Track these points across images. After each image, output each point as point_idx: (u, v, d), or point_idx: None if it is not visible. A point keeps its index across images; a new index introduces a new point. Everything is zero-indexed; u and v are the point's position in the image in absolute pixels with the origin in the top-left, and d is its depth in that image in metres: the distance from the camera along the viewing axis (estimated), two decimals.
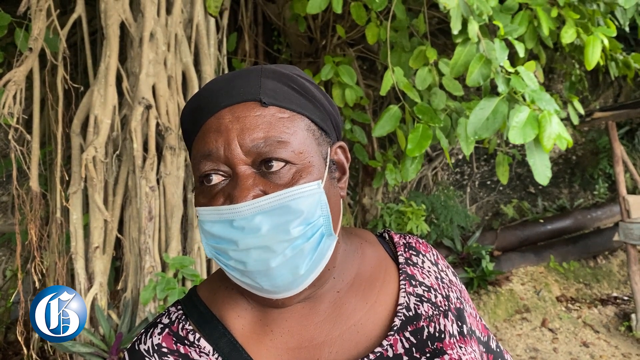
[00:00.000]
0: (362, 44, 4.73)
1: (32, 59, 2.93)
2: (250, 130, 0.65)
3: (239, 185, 0.64)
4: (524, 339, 4.58)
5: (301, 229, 0.64)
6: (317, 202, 0.66)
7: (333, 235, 0.68)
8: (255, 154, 0.65)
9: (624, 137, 6.73)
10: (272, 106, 0.67)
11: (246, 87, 0.69)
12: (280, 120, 0.67)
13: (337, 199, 0.72)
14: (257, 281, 0.65)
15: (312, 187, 0.66)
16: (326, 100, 0.76)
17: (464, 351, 0.75)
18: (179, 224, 3.20)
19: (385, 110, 2.77)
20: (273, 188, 0.65)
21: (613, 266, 6.06)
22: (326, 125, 0.74)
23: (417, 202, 5.37)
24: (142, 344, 0.74)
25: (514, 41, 2.50)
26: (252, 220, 0.63)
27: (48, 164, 3.76)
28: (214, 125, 0.67)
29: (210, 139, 0.67)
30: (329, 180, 0.71)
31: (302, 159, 0.67)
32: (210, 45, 3.49)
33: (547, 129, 2.18)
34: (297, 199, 0.64)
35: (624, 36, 5.64)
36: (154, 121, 3.08)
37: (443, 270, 0.86)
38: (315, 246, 0.66)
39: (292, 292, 0.66)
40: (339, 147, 0.76)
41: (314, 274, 0.67)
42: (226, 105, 0.68)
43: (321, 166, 0.69)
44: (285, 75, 0.72)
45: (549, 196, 7.04)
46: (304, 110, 0.70)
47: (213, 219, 0.66)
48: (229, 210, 0.64)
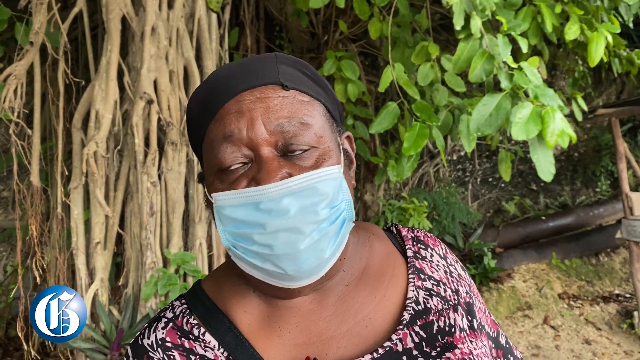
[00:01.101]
0: (364, 39, 4.71)
1: (33, 53, 2.92)
2: (275, 110, 0.65)
3: (265, 167, 0.64)
4: (525, 336, 4.57)
5: (327, 211, 0.64)
6: (340, 186, 0.67)
7: (353, 219, 0.69)
8: (279, 134, 0.65)
9: (626, 134, 6.71)
10: (293, 90, 0.67)
11: (264, 71, 0.68)
12: (302, 103, 0.67)
13: (350, 186, 0.73)
14: (282, 266, 0.64)
15: (335, 171, 0.66)
16: (333, 91, 0.77)
17: (474, 345, 0.74)
18: (180, 219, 3.19)
19: (383, 107, 2.76)
20: (299, 170, 0.64)
21: (615, 263, 6.05)
22: (336, 115, 0.75)
23: (419, 198, 5.36)
24: (145, 338, 0.72)
25: (517, 37, 2.48)
26: (280, 202, 0.62)
27: (49, 159, 3.75)
28: (235, 108, 0.66)
29: (230, 121, 0.66)
30: (345, 167, 0.71)
31: (323, 143, 0.67)
32: (211, 40, 3.47)
33: (550, 125, 2.17)
34: (323, 181, 0.64)
35: (627, 32, 5.62)
36: (155, 116, 3.07)
37: (452, 264, 0.84)
38: (339, 230, 0.66)
39: (313, 277, 0.66)
40: (346, 137, 0.77)
41: (334, 259, 0.67)
42: (246, 88, 0.67)
43: (337, 152, 0.70)
44: (299, 63, 0.73)
45: (551, 193, 7.02)
46: (320, 97, 0.71)
47: (236, 202, 0.64)
48: (257, 192, 0.63)
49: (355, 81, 3.31)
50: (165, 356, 0.70)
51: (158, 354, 0.70)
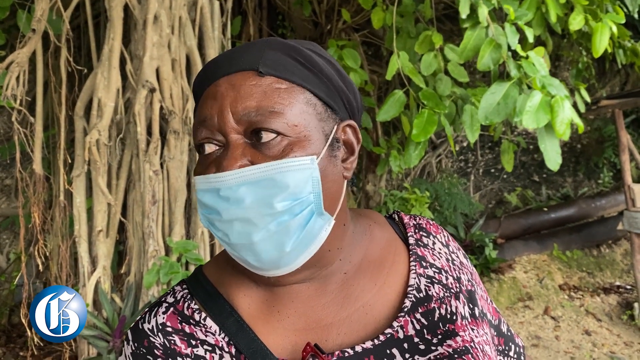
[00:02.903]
0: (367, 29, 4.69)
1: (35, 41, 2.91)
2: (244, 99, 0.64)
3: (228, 154, 0.64)
4: (526, 327, 4.59)
5: (287, 204, 0.62)
6: (308, 178, 0.64)
7: (325, 214, 0.66)
8: (246, 123, 0.64)
9: (629, 126, 6.68)
10: (269, 76, 0.66)
11: (247, 57, 0.68)
12: (276, 91, 0.66)
13: (337, 178, 0.70)
14: (242, 255, 0.65)
15: (304, 162, 0.64)
16: (339, 76, 0.73)
17: (476, 333, 0.74)
18: (182, 208, 3.19)
19: (389, 95, 2.75)
20: (261, 159, 0.64)
21: (616, 255, 6.05)
22: (334, 102, 0.71)
23: (420, 189, 5.35)
24: (146, 322, 0.72)
25: (523, 26, 2.47)
26: (236, 191, 0.62)
27: (51, 147, 3.75)
28: (212, 93, 0.67)
29: (206, 106, 0.67)
30: (328, 158, 0.68)
31: (297, 132, 0.65)
32: (214, 28, 3.46)
33: (560, 114, 2.17)
34: (284, 172, 0.63)
35: (632, 23, 5.58)
36: (157, 105, 3.06)
37: (454, 252, 0.84)
38: (304, 224, 0.64)
39: (281, 270, 0.65)
40: (348, 125, 0.73)
41: (305, 254, 0.66)
42: (224, 73, 0.67)
43: (320, 142, 0.67)
44: (291, 47, 0.70)
45: (553, 185, 7.02)
46: (307, 82, 0.68)
47: (204, 187, 0.66)
48: (215, 178, 0.64)
49: (357, 70, 3.29)
50: (165, 341, 0.70)
51: (159, 338, 0.70)
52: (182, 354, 0.69)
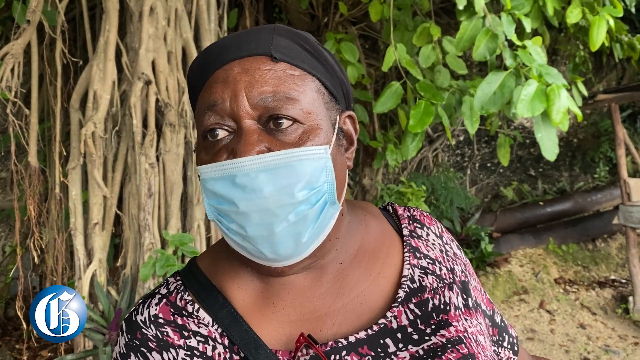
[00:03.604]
0: (364, 22, 4.67)
1: (30, 32, 2.89)
2: (259, 84, 0.63)
3: (244, 139, 0.62)
4: (521, 320, 4.61)
5: (305, 193, 0.62)
6: (323, 167, 0.64)
7: (337, 204, 0.66)
8: (262, 109, 0.63)
9: (626, 120, 6.69)
10: (282, 62, 0.65)
11: (257, 41, 0.67)
12: (291, 77, 0.65)
13: (344, 168, 0.71)
14: (259, 247, 0.63)
15: (319, 151, 0.64)
16: (338, 67, 0.73)
17: (469, 323, 0.74)
18: (178, 201, 3.18)
19: (387, 87, 2.75)
20: (279, 146, 0.63)
21: (612, 249, 6.08)
22: (337, 92, 0.72)
23: (417, 183, 5.35)
24: (139, 314, 0.72)
25: (520, 16, 2.47)
26: (255, 179, 0.60)
27: (47, 140, 3.73)
28: (221, 77, 0.65)
29: (216, 90, 0.65)
30: (337, 147, 0.69)
31: (311, 120, 0.65)
32: (210, 20, 3.44)
33: (555, 102, 2.16)
34: (303, 161, 0.62)
35: (629, 18, 5.58)
36: (153, 97, 3.05)
37: (448, 244, 0.84)
38: (319, 213, 0.64)
39: (293, 260, 0.65)
40: (348, 116, 0.74)
41: (315, 243, 0.65)
42: (235, 58, 0.66)
43: (329, 131, 0.67)
44: (298, 35, 0.70)
45: (549, 179, 7.03)
46: (315, 71, 0.68)
47: (215, 175, 0.63)
48: (232, 165, 0.61)
49: (355, 64, 3.29)
50: (158, 332, 0.70)
51: (151, 330, 0.70)
52: (175, 345, 0.69)
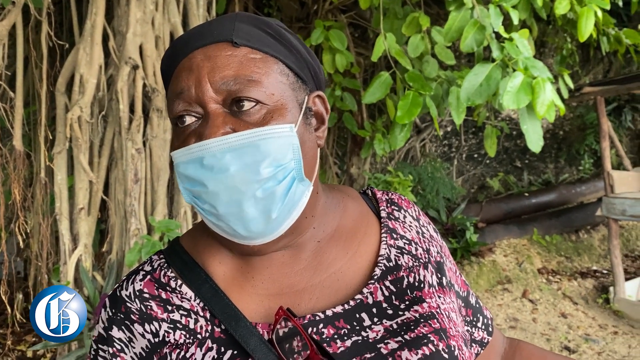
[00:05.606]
0: (354, 10, 4.67)
1: (15, 14, 2.85)
2: (221, 69, 0.66)
3: (209, 123, 0.65)
4: (504, 309, 4.67)
5: (271, 170, 0.65)
6: (289, 145, 0.67)
7: (305, 180, 0.69)
8: (225, 93, 0.66)
9: (611, 114, 6.77)
10: (244, 47, 0.68)
11: (219, 29, 0.70)
12: (252, 60, 0.68)
13: (313, 145, 0.73)
14: (231, 225, 0.66)
15: (284, 129, 0.67)
16: (305, 50, 0.76)
17: (442, 300, 0.77)
18: (165, 187, 3.17)
19: (376, 77, 2.75)
20: (243, 126, 0.65)
21: (594, 240, 6.17)
22: (303, 73, 0.74)
23: (404, 172, 5.38)
24: (123, 290, 0.75)
25: (508, 8, 2.48)
26: (221, 159, 0.63)
27: (32, 124, 3.69)
28: (186, 65, 0.68)
29: (182, 78, 0.68)
30: (304, 126, 0.71)
31: (274, 100, 0.67)
32: (199, 6, 3.41)
33: (540, 95, 2.19)
34: (266, 139, 0.65)
35: (616, 11, 5.62)
36: (140, 82, 3.02)
37: (424, 226, 0.87)
38: (286, 190, 0.66)
39: (267, 237, 0.68)
40: (317, 96, 0.76)
41: (288, 220, 0.68)
42: (199, 46, 0.69)
43: (295, 111, 0.70)
44: (260, 20, 0.72)
45: (535, 170, 7.10)
46: (278, 54, 0.70)
47: (185, 159, 0.67)
48: (198, 147, 0.65)
49: (344, 51, 3.28)
50: (142, 306, 0.72)
51: (135, 304, 0.72)
52: (159, 318, 0.71)
